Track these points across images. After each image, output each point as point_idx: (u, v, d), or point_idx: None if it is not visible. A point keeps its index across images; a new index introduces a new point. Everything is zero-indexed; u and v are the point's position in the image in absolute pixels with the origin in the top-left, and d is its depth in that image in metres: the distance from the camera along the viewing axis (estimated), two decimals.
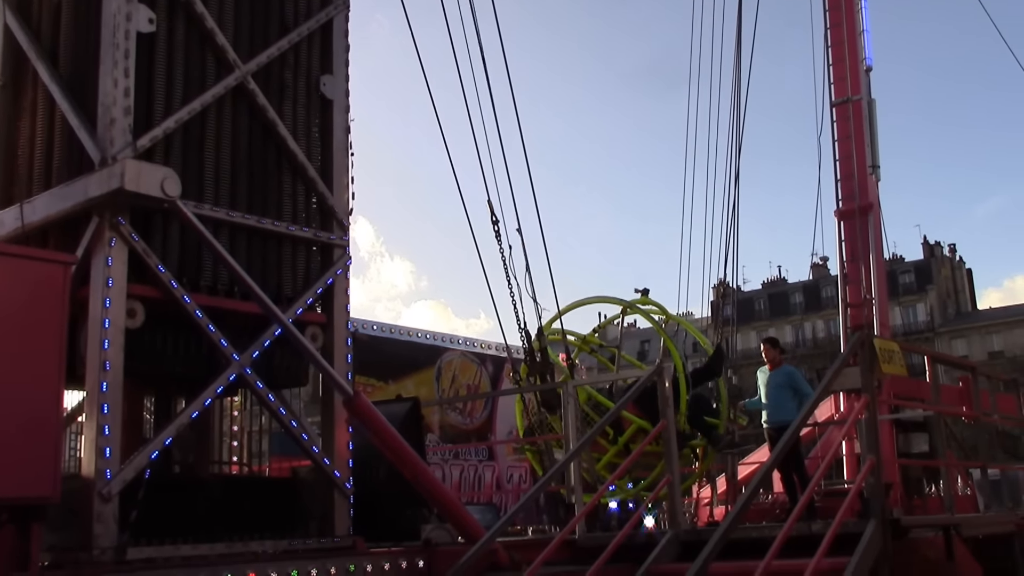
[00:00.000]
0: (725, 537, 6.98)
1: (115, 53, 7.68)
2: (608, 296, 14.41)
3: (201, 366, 8.01)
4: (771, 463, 8.42)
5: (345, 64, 9.47)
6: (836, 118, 16.01)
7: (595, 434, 10.04)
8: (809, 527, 8.45)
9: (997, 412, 12.83)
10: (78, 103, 8.02)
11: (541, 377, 11.94)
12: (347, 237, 9.14)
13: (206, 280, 8.08)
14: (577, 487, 10.60)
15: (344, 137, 9.33)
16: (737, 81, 16.13)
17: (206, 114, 8.30)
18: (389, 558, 8.21)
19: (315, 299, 8.83)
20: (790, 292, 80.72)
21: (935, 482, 13.31)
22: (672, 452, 9.76)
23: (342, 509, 8.48)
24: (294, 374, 8.87)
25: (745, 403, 12.24)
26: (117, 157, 7.49)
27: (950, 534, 9.53)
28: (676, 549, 8.99)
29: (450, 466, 16.58)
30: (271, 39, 8.90)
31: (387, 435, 8.36)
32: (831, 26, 16.24)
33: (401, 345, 16.49)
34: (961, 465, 14.62)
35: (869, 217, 15.40)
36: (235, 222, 8.28)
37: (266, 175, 8.69)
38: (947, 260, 79.38)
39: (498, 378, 17.97)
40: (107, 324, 7.25)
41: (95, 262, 7.45)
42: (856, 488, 8.74)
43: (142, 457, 7.33)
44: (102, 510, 6.97)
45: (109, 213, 7.45)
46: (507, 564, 8.38)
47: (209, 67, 8.40)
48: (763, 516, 12.01)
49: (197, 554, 7.36)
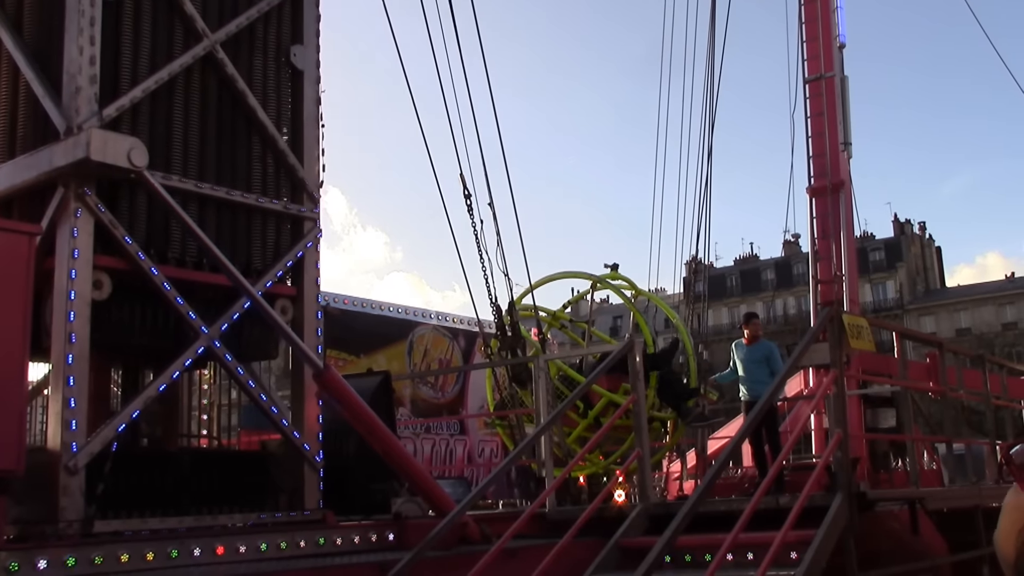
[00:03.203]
0: (694, 510, 7.04)
1: (80, 20, 7.55)
2: (578, 272, 14.44)
3: (169, 339, 7.95)
4: (740, 436, 8.48)
5: (316, 35, 9.36)
6: (809, 95, 16.06)
7: (565, 408, 10.07)
8: (777, 501, 8.53)
9: (963, 388, 12.98)
10: (43, 71, 7.88)
11: (512, 351, 11.95)
12: (317, 210, 9.07)
13: (174, 252, 8.00)
14: (548, 461, 10.64)
15: (315, 109, 9.23)
16: (710, 58, 16.14)
17: (174, 84, 8.18)
18: (359, 531, 8.22)
19: (285, 272, 8.77)
20: (762, 269, 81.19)
21: (902, 457, 13.47)
22: (642, 426, 9.82)
23: (312, 482, 8.46)
24: (263, 347, 8.82)
25: (716, 377, 12.30)
26: (83, 126, 7.38)
27: (915, 508, 9.66)
28: (645, 522, 9.07)
29: (421, 440, 16.59)
30: (240, 8, 8.78)
31: (358, 408, 8.33)
32: (805, 2, 16.25)
33: (372, 319, 16.44)
34: (927, 440, 14.81)
35: (841, 194, 15.49)
36: (204, 193, 8.19)
37: (235, 146, 8.59)
38: (917, 238, 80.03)
39: (470, 352, 17.97)
40: (73, 296, 7.17)
41: (60, 233, 7.35)
42: (823, 462, 8.83)
43: (109, 430, 7.27)
44: (68, 483, 6.92)
45: (75, 183, 7.35)
46: (478, 537, 8.41)
47: (177, 36, 8.28)
48: (732, 490, 12.12)
49: (165, 527, 7.33)
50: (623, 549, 8.51)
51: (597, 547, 8.46)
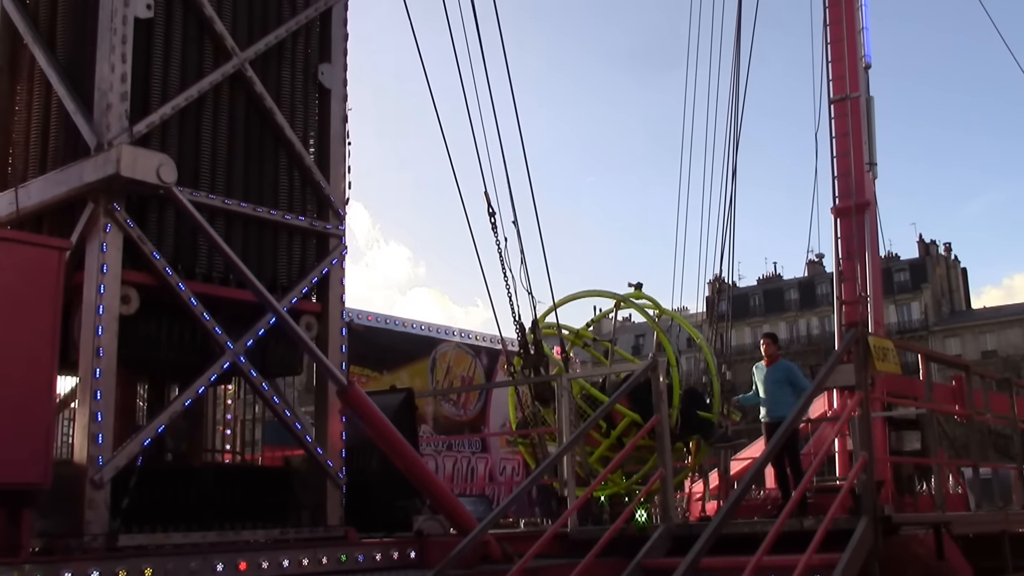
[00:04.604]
0: (717, 532, 6.99)
1: (112, 38, 7.65)
2: (602, 290, 14.45)
3: (195, 354, 7.99)
4: (764, 458, 8.44)
5: (343, 53, 9.43)
6: (834, 115, 16.03)
7: (588, 428, 10.05)
8: (801, 523, 8.46)
9: (990, 411, 12.85)
10: (75, 88, 7.98)
11: (535, 370, 11.93)
12: (343, 227, 9.12)
13: (201, 268, 8.06)
14: (570, 480, 10.60)
15: (341, 126, 9.30)
16: (735, 77, 16.14)
17: (203, 101, 8.26)
18: (381, 548, 8.21)
19: (310, 288, 8.82)
20: (785, 289, 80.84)
21: (927, 480, 13.34)
22: (665, 446, 9.77)
23: (334, 499, 8.47)
24: (288, 363, 8.85)
25: (739, 398, 12.24)
26: (113, 143, 7.46)
27: (940, 532, 9.55)
28: (667, 543, 9.01)
29: (443, 457, 16.57)
30: (270, 27, 8.86)
31: (381, 425, 8.35)
32: (831, 23, 16.23)
33: (396, 336, 16.46)
34: (953, 464, 14.66)
35: (865, 215, 15.43)
36: (231, 210, 8.26)
37: (263, 163, 8.66)
38: (942, 259, 79.47)
39: (493, 370, 17.96)
40: (101, 310, 7.23)
41: (90, 248, 7.42)
42: (848, 485, 8.75)
43: (134, 444, 7.31)
44: (94, 497, 6.95)
45: (104, 199, 7.42)
46: (499, 556, 8.38)
47: (207, 54, 8.37)
48: (755, 512, 12.03)
49: (189, 542, 7.34)
50: (645, 570, 8.46)
51: (619, 567, 8.41)
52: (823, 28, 16.32)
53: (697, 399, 12.80)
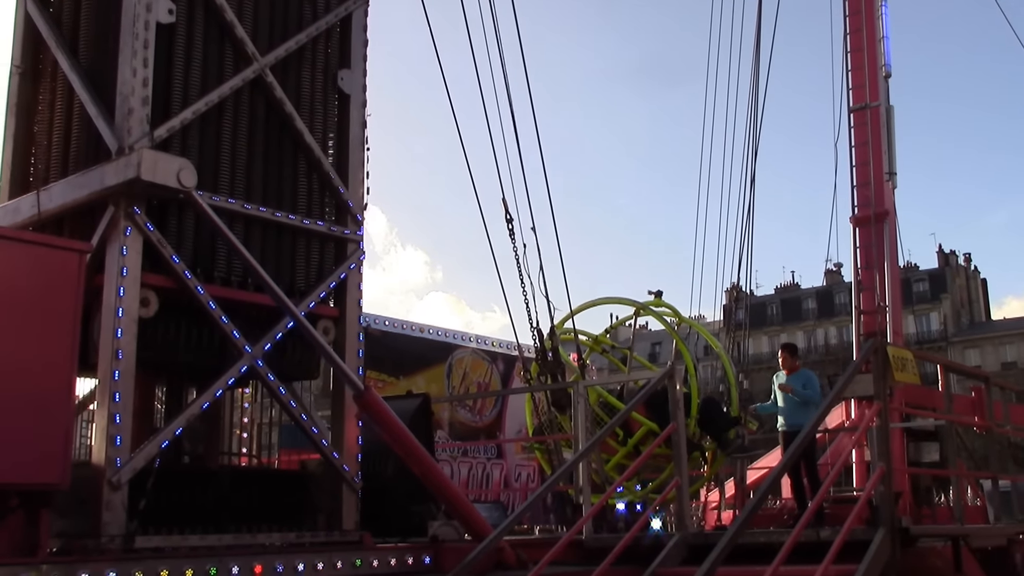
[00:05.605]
0: (733, 541, 6.97)
1: (134, 43, 7.70)
2: (621, 297, 14.41)
3: (213, 357, 8.03)
4: (781, 468, 8.40)
5: (363, 59, 9.47)
6: (853, 124, 15.93)
7: (605, 435, 10.02)
8: (817, 534, 8.41)
9: (1009, 423, 12.76)
10: (97, 92, 8.04)
11: (552, 376, 11.92)
12: (361, 232, 9.16)
13: (220, 271, 8.10)
14: (585, 487, 10.58)
15: (360, 132, 9.34)
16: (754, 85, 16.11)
17: (223, 106, 8.31)
18: (396, 553, 8.22)
19: (328, 293, 8.84)
20: (803, 298, 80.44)
21: (945, 492, 13.25)
22: (681, 455, 9.74)
23: (350, 503, 8.49)
24: (305, 367, 8.88)
25: (757, 407, 12.19)
26: (134, 147, 7.51)
27: (959, 544, 9.49)
28: (683, 552, 8.98)
29: (458, 463, 16.58)
30: (290, 32, 8.91)
31: (397, 430, 8.36)
32: (851, 32, 16.17)
33: (413, 341, 16.50)
34: (972, 475, 14.55)
35: (885, 224, 15.33)
36: (250, 214, 8.30)
37: (282, 168, 8.71)
38: (962, 269, 78.91)
39: (509, 376, 17.97)
40: (120, 313, 7.28)
41: (110, 251, 7.47)
42: (865, 496, 8.70)
43: (152, 446, 7.35)
44: (111, 498, 6.99)
45: (125, 202, 7.47)
46: (513, 563, 8.37)
47: (227, 59, 8.42)
48: (771, 521, 11.98)
49: (205, 544, 7.37)
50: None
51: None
52: (843, 37, 16.25)
53: (715, 408, 12.76)
